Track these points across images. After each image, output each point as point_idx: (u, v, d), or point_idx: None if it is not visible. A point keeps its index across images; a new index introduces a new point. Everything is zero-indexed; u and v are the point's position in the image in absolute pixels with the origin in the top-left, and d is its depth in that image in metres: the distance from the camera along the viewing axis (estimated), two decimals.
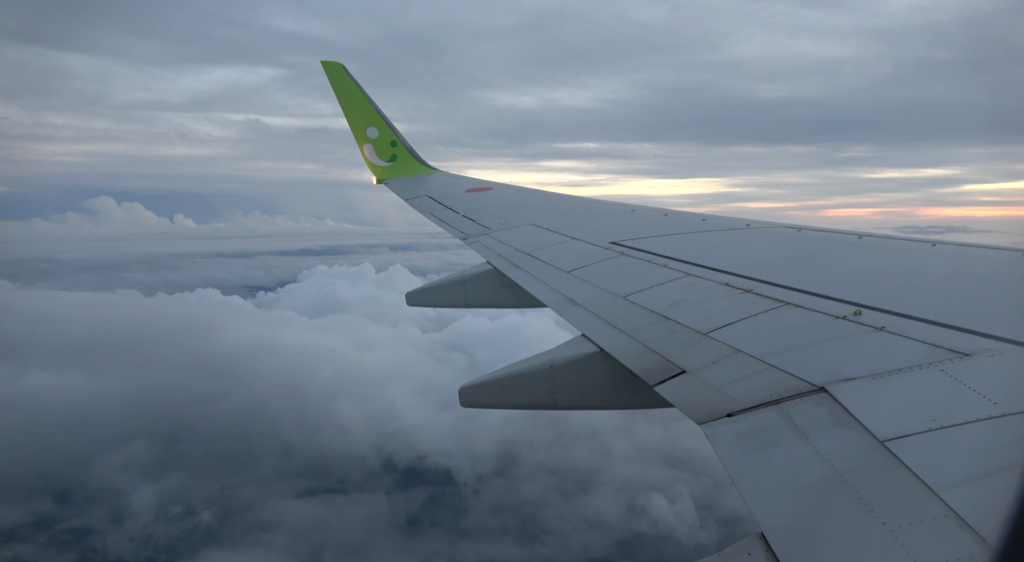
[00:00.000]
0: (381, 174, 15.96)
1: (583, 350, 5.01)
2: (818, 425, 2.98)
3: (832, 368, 3.45)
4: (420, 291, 9.62)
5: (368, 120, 15.70)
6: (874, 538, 2.26)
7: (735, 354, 3.95)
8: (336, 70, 15.23)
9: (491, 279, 8.50)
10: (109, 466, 49.37)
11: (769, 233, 7.46)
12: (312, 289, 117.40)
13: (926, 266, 5.49)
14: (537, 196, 13.14)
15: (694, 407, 3.51)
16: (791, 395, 3.29)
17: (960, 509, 2.21)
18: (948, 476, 2.41)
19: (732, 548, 2.50)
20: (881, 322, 3.87)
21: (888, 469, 2.54)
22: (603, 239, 7.88)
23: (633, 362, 4.34)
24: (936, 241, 5.85)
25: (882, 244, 6.25)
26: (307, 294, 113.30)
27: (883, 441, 2.69)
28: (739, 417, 3.27)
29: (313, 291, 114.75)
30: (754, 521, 2.52)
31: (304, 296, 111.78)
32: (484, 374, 5.47)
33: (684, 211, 9.51)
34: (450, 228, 10.85)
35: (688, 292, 5.37)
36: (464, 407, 5.41)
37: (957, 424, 2.69)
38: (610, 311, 5.37)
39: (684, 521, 44.45)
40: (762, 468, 2.84)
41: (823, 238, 6.82)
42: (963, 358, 3.23)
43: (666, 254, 6.65)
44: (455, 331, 78.01)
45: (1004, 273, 5.03)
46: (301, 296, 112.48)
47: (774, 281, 5.09)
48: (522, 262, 7.79)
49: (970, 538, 2.09)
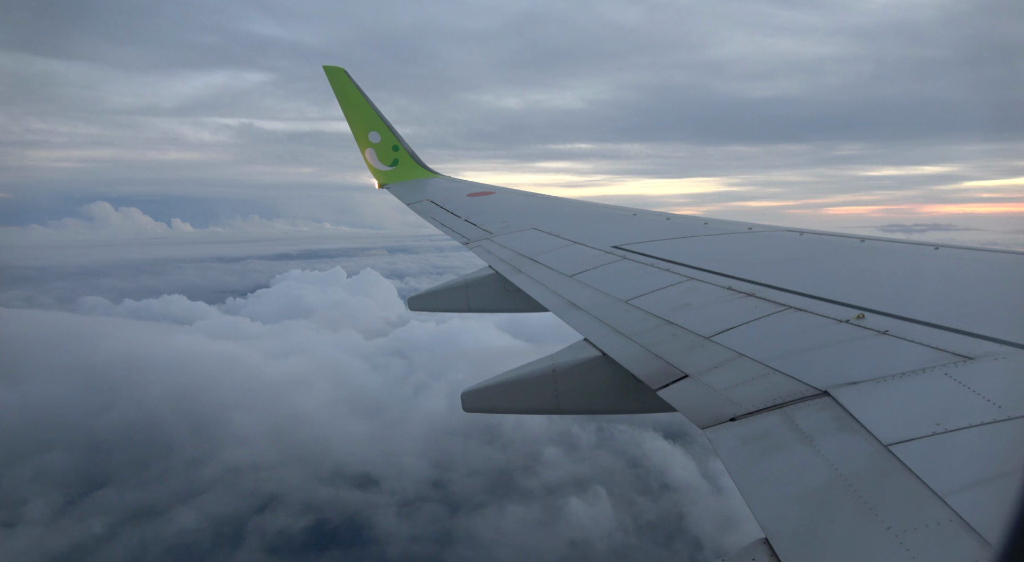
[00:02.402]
0: (383, 178, 15.98)
1: (585, 354, 5.00)
2: (821, 429, 2.97)
3: (835, 372, 3.44)
4: (422, 296, 9.62)
5: (370, 124, 15.72)
6: (878, 543, 2.25)
7: (738, 358, 3.94)
8: (338, 75, 15.26)
9: (493, 283, 8.50)
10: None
11: (771, 237, 7.45)
12: (280, 294, 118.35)
13: (929, 269, 5.48)
14: (539, 200, 13.15)
15: (697, 411, 3.50)
16: (794, 399, 3.28)
17: (965, 513, 2.20)
18: (953, 480, 2.40)
19: (736, 553, 2.49)
20: (884, 326, 3.86)
21: (892, 473, 2.53)
22: (605, 243, 7.88)
23: (636, 366, 4.34)
24: (939, 244, 5.84)
25: (885, 247, 6.24)
26: (274, 299, 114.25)
27: (887, 445, 2.68)
28: (742, 421, 3.26)
29: (281, 296, 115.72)
30: (757, 526, 2.51)
31: (271, 301, 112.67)
32: (486, 379, 5.46)
33: (686, 215, 9.51)
34: (452, 232, 10.85)
35: (690, 296, 5.36)
36: (467, 412, 5.40)
37: (961, 428, 2.68)
38: (612, 315, 5.37)
39: (600, 524, 44.41)
40: (765, 472, 2.83)
41: (825, 242, 6.81)
42: (967, 362, 3.22)
43: (668, 258, 6.64)
44: (399, 337, 77.89)
45: (1008, 276, 5.02)
46: (269, 301, 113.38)
47: (777, 285, 5.08)
48: (524, 266, 7.79)
49: (975, 543, 2.08)
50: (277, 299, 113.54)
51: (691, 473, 49.80)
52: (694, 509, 46.08)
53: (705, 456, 51.21)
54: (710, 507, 45.90)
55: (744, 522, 43.66)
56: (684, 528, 44.52)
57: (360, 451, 52.36)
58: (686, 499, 47.18)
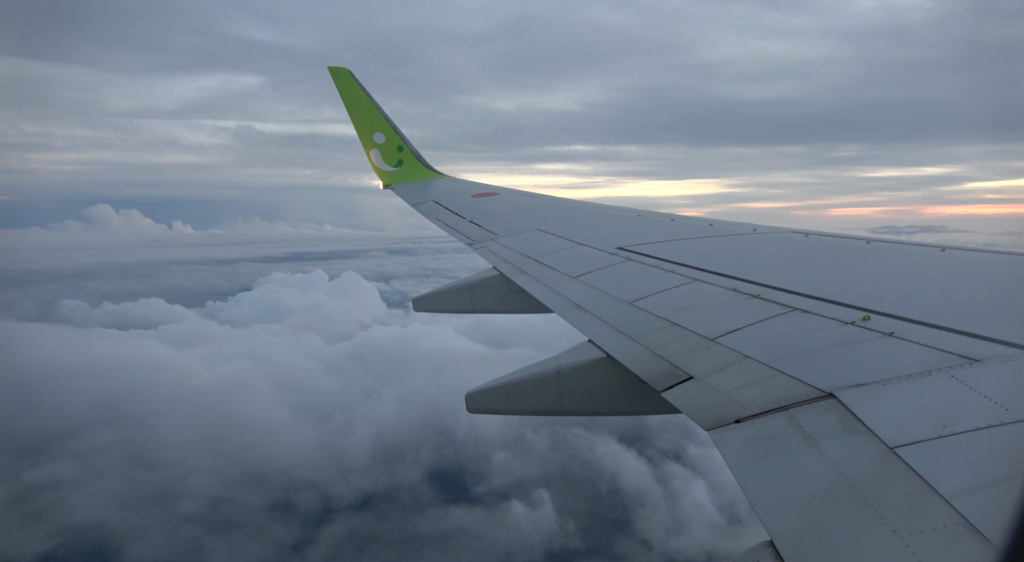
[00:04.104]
0: (388, 179, 15.99)
1: (590, 356, 5.00)
2: (827, 431, 2.96)
3: (841, 374, 3.43)
4: (427, 297, 9.63)
5: (375, 125, 15.74)
6: (884, 545, 2.24)
7: (743, 360, 3.93)
8: (343, 75, 15.29)
9: (497, 284, 8.50)
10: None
11: (776, 238, 7.44)
12: (259, 298, 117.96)
13: (935, 271, 5.46)
14: (543, 201, 13.14)
15: (702, 413, 3.49)
16: (799, 401, 3.27)
17: (971, 516, 2.19)
18: (958, 483, 2.40)
19: (741, 555, 2.49)
20: (890, 327, 3.85)
21: (898, 476, 2.53)
22: (609, 244, 7.88)
23: (640, 368, 4.33)
24: (945, 246, 5.82)
25: (890, 249, 6.23)
26: (253, 302, 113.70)
27: (892, 447, 2.68)
28: (747, 423, 3.25)
29: (259, 300, 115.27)
30: (763, 528, 2.51)
31: (250, 305, 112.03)
32: (491, 380, 5.45)
33: (691, 216, 9.50)
34: (456, 233, 10.85)
35: (695, 297, 5.35)
36: (471, 413, 5.39)
37: (967, 430, 2.67)
38: (617, 317, 5.36)
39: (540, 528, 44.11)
40: (770, 474, 2.83)
41: (830, 243, 6.80)
42: (973, 364, 3.21)
43: (673, 259, 6.63)
44: (360, 341, 77.08)
45: (1014, 278, 5.00)
46: (247, 305, 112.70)
47: (782, 286, 5.07)
48: (528, 268, 7.79)
49: (981, 546, 2.07)
50: (256, 302, 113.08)
51: (643, 477, 49.49)
52: (644, 512, 45.85)
53: (660, 459, 51.06)
54: (660, 511, 45.74)
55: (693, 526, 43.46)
56: (632, 532, 44.29)
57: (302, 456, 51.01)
58: (636, 503, 46.90)
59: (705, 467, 48.65)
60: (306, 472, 49.67)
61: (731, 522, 43.76)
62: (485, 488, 49.08)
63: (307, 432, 54.49)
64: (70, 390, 57.94)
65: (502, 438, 53.70)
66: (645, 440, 53.43)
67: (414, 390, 59.55)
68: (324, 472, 49.83)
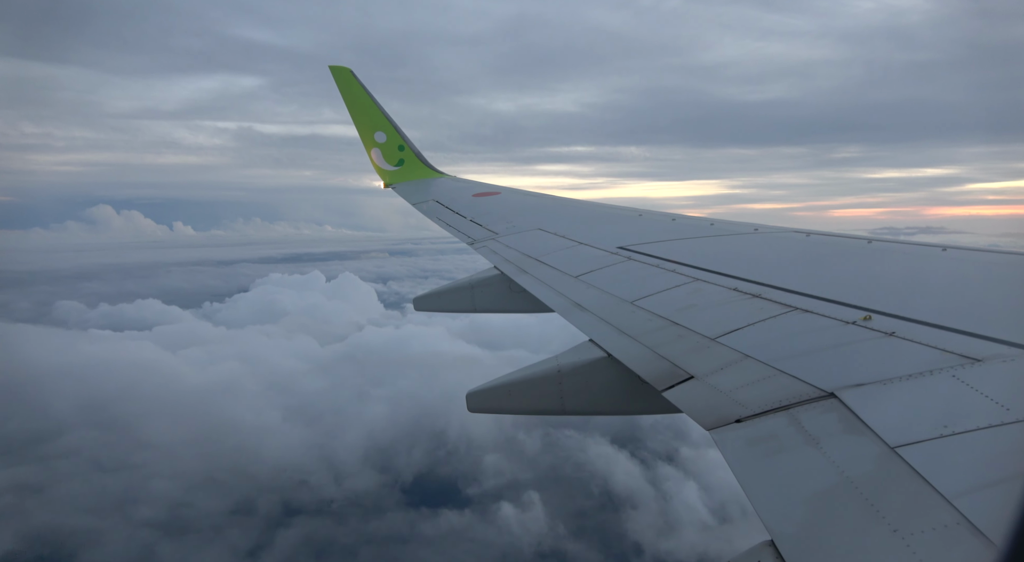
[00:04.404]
0: (389, 178, 15.98)
1: (591, 355, 4.99)
2: (828, 431, 2.96)
3: (842, 374, 3.43)
4: (427, 296, 9.63)
5: (376, 124, 15.73)
6: (885, 545, 2.24)
7: (744, 359, 3.93)
8: (344, 75, 15.27)
9: (498, 284, 8.49)
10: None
11: (777, 238, 7.43)
12: (255, 299, 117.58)
13: (937, 271, 5.45)
14: (544, 201, 13.13)
15: (702, 413, 3.49)
16: (800, 401, 3.27)
17: (972, 516, 2.19)
18: (960, 483, 2.39)
19: (741, 555, 2.49)
20: (891, 327, 3.84)
21: (899, 476, 2.52)
22: (610, 244, 7.87)
23: (641, 367, 4.33)
24: (947, 245, 5.81)
25: (892, 249, 6.22)
26: (249, 304, 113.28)
27: (893, 447, 2.67)
28: (748, 423, 3.25)
29: (256, 301, 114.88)
30: (763, 527, 2.51)
31: (247, 306, 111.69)
32: (492, 379, 5.45)
33: (692, 216, 9.49)
34: (457, 233, 10.85)
35: (696, 297, 5.35)
36: (471, 412, 5.39)
37: (968, 430, 2.67)
38: (618, 316, 5.36)
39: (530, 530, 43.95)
40: (771, 474, 2.82)
41: (832, 243, 6.79)
42: (974, 363, 3.20)
43: (674, 259, 6.63)
44: (354, 342, 76.55)
45: (1016, 277, 4.99)
46: (244, 306, 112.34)
47: (783, 286, 5.07)
48: (529, 267, 7.79)
49: (982, 546, 2.07)
50: (252, 303, 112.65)
51: (635, 479, 49.29)
52: (635, 514, 45.67)
53: (653, 461, 50.86)
54: (652, 512, 45.55)
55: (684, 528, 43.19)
56: (623, 533, 44.10)
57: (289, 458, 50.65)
58: (627, 504, 46.74)
59: (697, 469, 48.51)
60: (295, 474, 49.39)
61: (722, 522, 43.64)
62: (476, 490, 48.96)
63: (296, 434, 54.25)
64: (56, 392, 57.46)
65: (494, 440, 53.63)
66: (638, 441, 53.30)
67: (406, 391, 59.38)
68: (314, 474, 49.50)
